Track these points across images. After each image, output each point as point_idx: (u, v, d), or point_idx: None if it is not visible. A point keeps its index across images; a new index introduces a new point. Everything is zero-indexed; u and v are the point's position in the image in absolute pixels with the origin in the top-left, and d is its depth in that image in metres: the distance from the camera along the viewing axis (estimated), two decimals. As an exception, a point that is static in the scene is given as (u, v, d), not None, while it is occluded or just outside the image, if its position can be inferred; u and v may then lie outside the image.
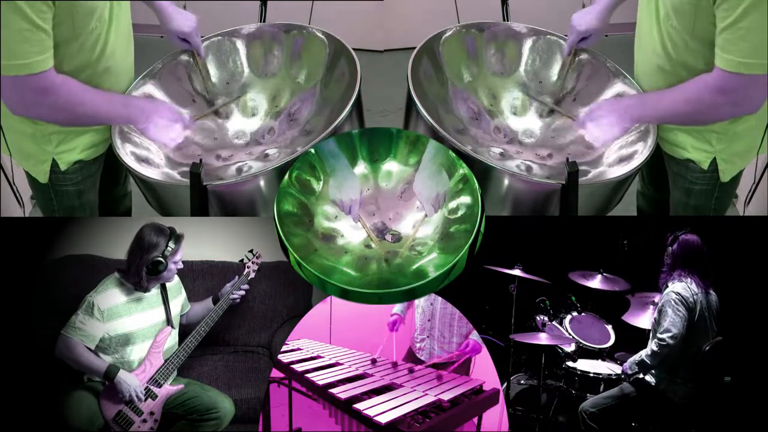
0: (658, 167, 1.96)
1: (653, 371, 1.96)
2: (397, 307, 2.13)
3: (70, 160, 1.81)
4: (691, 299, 1.91)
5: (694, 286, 1.94)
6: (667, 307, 1.92)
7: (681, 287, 1.93)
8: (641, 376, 1.98)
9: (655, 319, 1.97)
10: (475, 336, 1.99)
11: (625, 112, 1.78)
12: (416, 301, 2.11)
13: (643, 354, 1.94)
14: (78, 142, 1.80)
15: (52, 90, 1.58)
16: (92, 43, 1.69)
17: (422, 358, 2.09)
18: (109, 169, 1.96)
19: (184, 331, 2.02)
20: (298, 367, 1.82)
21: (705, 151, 1.80)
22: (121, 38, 1.80)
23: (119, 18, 1.77)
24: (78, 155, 1.82)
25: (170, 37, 2.03)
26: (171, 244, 1.90)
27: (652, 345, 1.92)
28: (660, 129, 1.84)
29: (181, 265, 1.97)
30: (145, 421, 1.82)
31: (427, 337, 2.09)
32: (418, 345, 2.12)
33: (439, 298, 2.04)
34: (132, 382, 1.81)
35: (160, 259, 1.88)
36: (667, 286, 1.98)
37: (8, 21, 1.44)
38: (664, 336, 1.88)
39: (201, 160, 1.75)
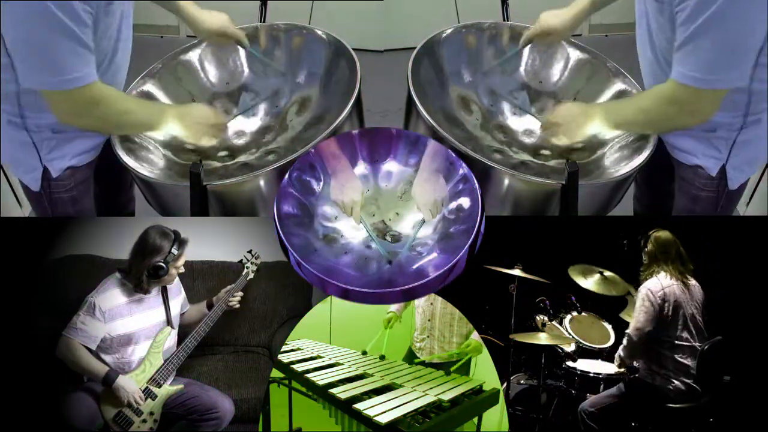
0: (656, 171, 1.96)
1: (644, 366, 1.98)
2: (393, 307, 2.13)
3: (61, 166, 1.81)
4: (660, 293, 1.95)
5: (666, 279, 1.98)
6: (637, 302, 1.99)
7: (651, 282, 1.99)
8: (632, 375, 2.01)
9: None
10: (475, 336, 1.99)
11: (587, 117, 1.79)
12: (416, 302, 2.11)
13: (619, 349, 2.02)
14: (68, 149, 1.80)
15: (101, 101, 1.63)
16: (104, 47, 1.70)
17: (422, 357, 2.09)
18: (113, 174, 1.96)
19: (184, 332, 2.02)
20: (298, 367, 1.82)
21: (714, 158, 1.80)
22: (127, 37, 1.80)
23: (127, 21, 1.78)
24: (69, 161, 1.82)
25: (207, 39, 2.05)
26: (174, 250, 1.89)
27: (623, 340, 2.00)
28: (670, 135, 1.84)
29: (182, 270, 1.97)
30: (144, 421, 1.82)
31: (428, 337, 2.09)
32: (418, 345, 2.12)
33: (439, 298, 2.04)
34: (130, 387, 1.80)
35: (162, 264, 1.87)
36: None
37: (56, 40, 1.49)
38: (629, 330, 1.98)
39: (201, 160, 1.75)
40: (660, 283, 1.97)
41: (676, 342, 1.93)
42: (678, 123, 1.72)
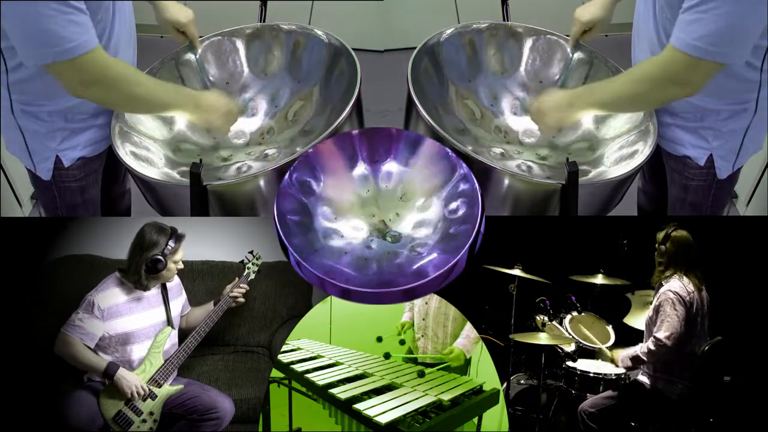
0: (659, 165, 1.96)
1: (648, 370, 1.96)
2: (405, 316, 2.14)
3: (73, 156, 1.82)
4: (688, 298, 1.89)
5: (690, 285, 1.93)
6: (665, 306, 1.89)
7: (678, 286, 1.91)
8: (636, 374, 1.98)
9: (650, 317, 1.96)
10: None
11: (570, 101, 1.77)
12: (415, 300, 2.10)
13: (638, 350, 1.93)
14: (81, 138, 1.81)
15: (107, 66, 1.60)
16: (98, 34, 1.69)
17: (416, 356, 2.09)
18: (109, 167, 1.96)
19: (184, 333, 2.02)
20: (298, 367, 1.82)
21: (701, 148, 1.82)
22: (124, 33, 1.80)
23: (123, 11, 1.77)
24: (81, 152, 1.83)
25: (166, 28, 2.02)
26: (171, 243, 1.90)
27: (648, 344, 1.90)
28: (658, 126, 1.84)
29: (181, 265, 1.97)
30: (144, 421, 1.82)
31: (422, 336, 2.09)
32: (415, 344, 2.11)
33: (435, 298, 2.03)
34: (131, 378, 1.81)
35: (159, 257, 1.88)
36: (662, 285, 1.96)
37: (48, 11, 1.47)
38: (661, 336, 1.87)
39: (201, 160, 1.75)
40: (686, 288, 1.90)
41: (688, 350, 1.90)
42: (668, 94, 1.66)
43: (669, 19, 1.67)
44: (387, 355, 1.90)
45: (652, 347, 1.88)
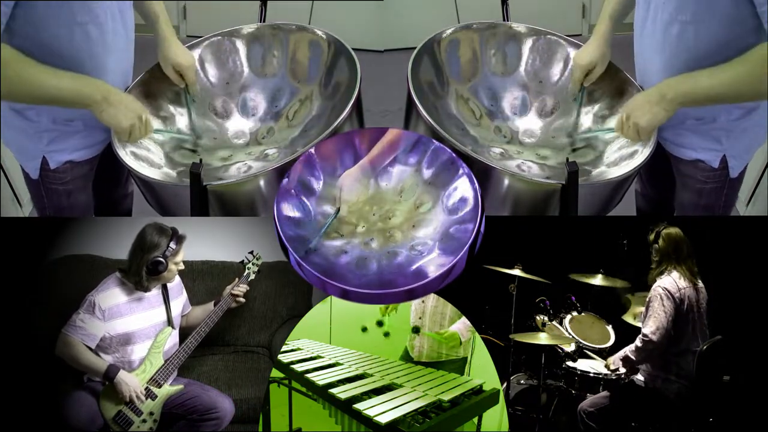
0: (659, 168, 1.96)
1: (646, 369, 1.96)
2: None
3: (60, 159, 1.82)
4: (678, 294, 1.90)
5: (680, 280, 1.93)
6: (653, 302, 1.91)
7: (668, 282, 1.92)
8: (630, 373, 1.98)
9: (642, 314, 1.97)
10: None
11: (667, 88, 1.66)
12: None
13: (627, 350, 1.94)
14: (69, 142, 1.81)
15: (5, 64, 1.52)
16: (86, 35, 1.67)
17: (413, 356, 2.09)
18: (109, 170, 1.96)
19: (185, 333, 2.02)
20: (298, 367, 1.82)
21: (714, 150, 1.81)
22: (120, 36, 1.79)
23: (122, 11, 1.76)
24: (69, 155, 1.82)
25: (165, 67, 1.95)
26: (172, 245, 1.90)
27: (636, 341, 1.92)
28: (666, 131, 1.84)
29: (182, 266, 1.97)
30: (144, 421, 1.82)
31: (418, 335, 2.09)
32: (411, 343, 2.11)
33: (433, 296, 2.03)
34: (132, 382, 1.81)
35: (161, 259, 1.88)
36: (655, 281, 1.97)
37: None
38: (647, 332, 1.88)
39: (201, 160, 1.75)
40: (676, 284, 1.91)
41: (683, 347, 1.90)
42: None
43: (683, 21, 1.65)
44: (364, 329, 1.90)
45: (639, 344, 1.90)
